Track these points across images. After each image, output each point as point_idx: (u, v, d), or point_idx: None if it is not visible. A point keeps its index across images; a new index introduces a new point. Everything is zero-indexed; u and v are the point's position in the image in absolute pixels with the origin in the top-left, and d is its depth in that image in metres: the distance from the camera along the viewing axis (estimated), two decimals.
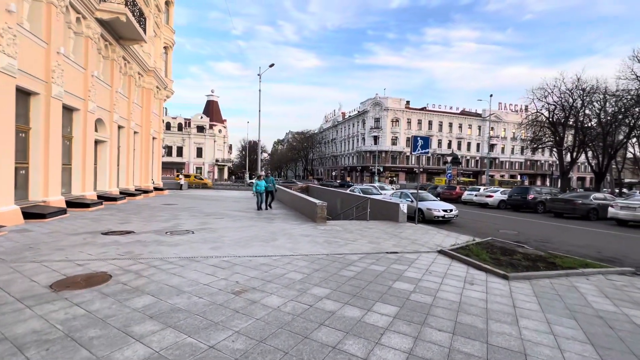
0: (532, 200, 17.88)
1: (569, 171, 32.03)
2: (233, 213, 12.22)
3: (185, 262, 5.15)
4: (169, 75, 26.41)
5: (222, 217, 10.82)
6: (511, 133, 76.91)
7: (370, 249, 6.72)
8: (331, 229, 9.23)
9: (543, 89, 30.67)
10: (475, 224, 13.75)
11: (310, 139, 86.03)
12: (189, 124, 59.08)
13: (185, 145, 58.29)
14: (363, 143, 67.18)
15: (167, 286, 4.01)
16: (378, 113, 65.43)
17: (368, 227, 9.71)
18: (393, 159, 65.29)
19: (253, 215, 11.86)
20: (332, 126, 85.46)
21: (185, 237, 7.20)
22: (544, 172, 79.64)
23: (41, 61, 9.92)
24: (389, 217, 11.77)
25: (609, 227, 13.23)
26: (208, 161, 59.50)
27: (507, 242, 8.60)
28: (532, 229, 12.45)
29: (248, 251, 6.09)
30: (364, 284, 4.47)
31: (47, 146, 10.15)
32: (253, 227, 9.13)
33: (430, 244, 7.64)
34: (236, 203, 16.66)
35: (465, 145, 71.96)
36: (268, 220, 10.53)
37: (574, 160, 31.32)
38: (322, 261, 5.58)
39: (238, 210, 13.40)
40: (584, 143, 29.69)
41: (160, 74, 22.85)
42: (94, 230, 7.62)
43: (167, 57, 26.34)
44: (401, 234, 8.91)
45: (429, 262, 5.87)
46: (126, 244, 6.28)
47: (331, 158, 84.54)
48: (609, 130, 30.26)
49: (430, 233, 9.36)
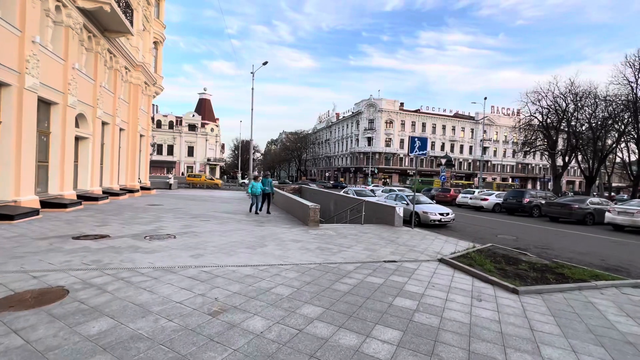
0: (527, 204, 17.65)
1: (561, 175, 32.15)
2: (221, 215, 11.61)
3: (160, 273, 4.57)
4: (158, 71, 25.58)
5: (209, 220, 10.21)
6: (503, 136, 77.64)
7: (366, 257, 6.22)
8: (324, 233, 8.71)
9: (537, 93, 30.77)
10: (472, 228, 13.39)
11: (304, 139, 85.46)
12: (180, 122, 57.96)
13: (176, 143, 57.16)
14: (357, 144, 66.91)
15: (132, 305, 3.44)
16: (372, 114, 65.23)
17: (363, 232, 9.22)
18: (387, 161, 65.15)
19: (242, 217, 11.27)
20: (326, 127, 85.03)
21: (165, 243, 6.60)
22: (535, 175, 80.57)
23: (14, 50, 9.19)
24: (385, 221, 11.31)
25: (607, 233, 13.00)
26: (199, 160, 58.45)
27: (508, 248, 8.20)
28: (530, 234, 12.12)
29: (232, 260, 5.53)
30: (361, 300, 3.96)
31: (19, 142, 9.41)
32: (241, 231, 8.55)
33: (430, 252, 7.18)
34: (226, 204, 16.02)
35: (458, 147, 72.27)
36: (257, 224, 9.96)
37: (566, 164, 31.45)
38: (314, 272, 5.06)
39: (227, 212, 12.78)
40: (576, 147, 29.81)
41: (150, 69, 22.07)
42: (64, 234, 6.95)
43: (157, 52, 25.51)
44: (398, 239, 8.44)
45: (431, 273, 5.40)
46: (97, 251, 5.66)
47: (325, 159, 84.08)
48: (599, 135, 30.49)
49: (428, 238, 8.91)
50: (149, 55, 22.25)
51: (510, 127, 75.30)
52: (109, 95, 16.22)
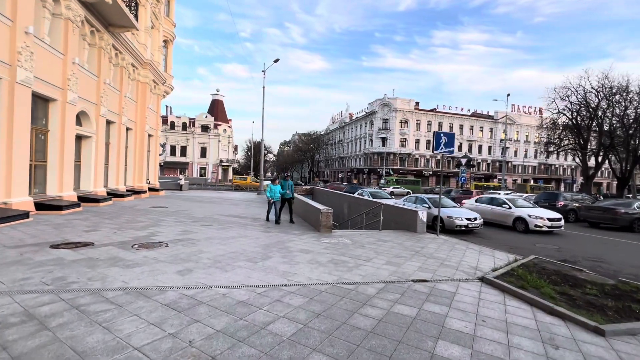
0: (562, 207, 16.00)
1: (593, 176, 29.87)
2: (226, 219, 10.70)
3: (129, 298, 3.60)
4: (168, 70, 25.18)
5: (211, 225, 9.29)
6: (524, 136, 74.41)
7: (389, 275, 5.10)
8: (338, 241, 7.63)
9: (566, 88, 28.68)
10: (502, 235, 12.00)
11: (317, 140, 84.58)
12: (193, 124, 58.08)
13: (189, 145, 57.27)
14: (371, 144, 65.43)
15: (69, 353, 2.46)
16: (386, 114, 63.66)
17: (382, 240, 8.08)
18: (401, 161, 63.40)
19: (248, 222, 10.32)
20: (339, 127, 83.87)
21: (154, 253, 5.67)
22: (559, 176, 76.80)
23: (4, 41, 8.55)
24: (406, 227, 10.12)
25: None
26: (212, 161, 58.40)
27: (557, 262, 6.89)
28: (572, 243, 10.65)
29: (226, 277, 4.53)
30: (391, 347, 2.86)
31: (10, 139, 8.76)
32: (244, 238, 7.57)
33: (465, 266, 5.99)
34: (234, 206, 15.16)
35: (476, 147, 69.69)
36: (263, 229, 8.97)
37: (599, 164, 29.17)
38: (326, 296, 3.99)
39: (233, 215, 11.87)
40: (611, 146, 27.56)
41: (159, 68, 21.59)
42: (44, 242, 6.14)
43: (167, 51, 25.13)
44: (424, 249, 7.26)
45: (474, 299, 4.23)
46: (69, 264, 4.78)
47: (338, 160, 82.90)
48: (632, 134, 28.17)
49: (458, 249, 7.69)
50: (158, 53, 21.78)
51: (531, 126, 72.25)
52: (115, 93, 15.68)
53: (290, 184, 10.64)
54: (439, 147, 9.28)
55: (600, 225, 14.66)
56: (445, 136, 9.30)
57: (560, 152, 34.93)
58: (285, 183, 10.56)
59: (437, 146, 9.26)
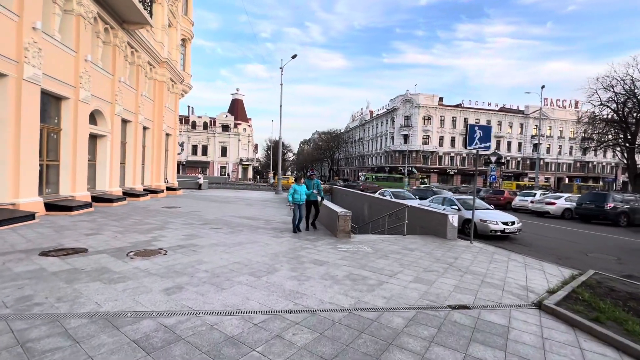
0: (611, 210, 14.17)
1: None
2: (237, 221, 10.06)
3: (93, 329, 2.89)
4: (187, 69, 25.13)
5: (220, 228, 8.65)
6: (558, 131, 69.75)
7: (419, 297, 4.15)
8: (357, 249, 6.73)
9: (611, 77, 26.02)
10: (544, 240, 10.62)
11: (337, 138, 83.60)
12: (214, 123, 58.76)
13: (210, 144, 58.02)
14: (392, 142, 63.62)
15: None
16: (408, 110, 61.60)
17: (408, 248, 7.09)
18: (424, 159, 61.21)
19: (260, 224, 9.62)
20: (359, 125, 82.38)
21: (147, 263, 5.03)
22: (597, 174, 71.46)
23: (10, 36, 8.29)
24: (433, 232, 9.05)
25: None
26: (232, 160, 58.87)
27: (625, 280, 5.64)
28: (634, 254, 9.13)
29: (221, 299, 3.76)
30: None
31: (17, 138, 8.52)
32: (252, 244, 6.84)
33: (513, 285, 4.91)
34: (249, 207, 14.58)
35: (505, 144, 66.07)
36: (275, 234, 8.21)
37: None
38: (340, 331, 3.12)
39: (246, 216, 11.24)
40: None
41: (177, 66, 21.47)
42: (36, 247, 5.68)
43: (185, 50, 25.08)
44: (457, 261, 6.21)
45: (537, 338, 3.22)
46: (47, 277, 4.20)
47: (358, 158, 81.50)
48: None
49: (498, 260, 6.57)
50: (175, 52, 21.67)
51: (566, 120, 67.59)
52: (131, 91, 15.52)
53: (317, 183, 8.94)
54: (473, 142, 8.13)
55: None
56: (480, 129, 8.14)
57: (601, 148, 31.96)
58: (310, 182, 8.97)
59: (470, 141, 8.12)
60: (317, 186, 8.91)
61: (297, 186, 8.51)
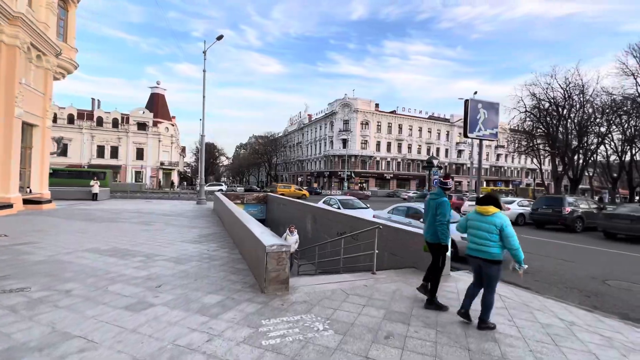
0: (569, 215, 13.27)
1: (562, 177, 29.11)
2: (99, 266, 5.66)
3: None
4: (69, 41, 18.74)
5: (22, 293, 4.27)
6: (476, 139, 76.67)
7: None
8: (302, 334, 3.19)
9: (535, 85, 27.59)
10: (527, 260, 8.52)
11: (274, 142, 79.48)
12: (127, 120, 49.64)
13: (121, 145, 48.67)
14: (331, 147, 62.16)
15: None
16: (347, 115, 60.88)
17: (396, 319, 3.81)
18: (363, 164, 60.96)
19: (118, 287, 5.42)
20: (298, 129, 79.69)
21: None
22: (507, 178, 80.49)
23: None
24: (413, 262, 6.03)
25: None
26: (151, 164, 50.34)
27: None
28: (630, 269, 7.39)
29: None
30: None
31: None
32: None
33: None
34: (145, 231, 9.93)
35: (434, 150, 69.90)
36: (137, 300, 4.19)
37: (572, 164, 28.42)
38: None
39: (117, 254, 6.81)
40: (579, 146, 26.88)
41: (47, 32, 15.42)
42: None
43: (67, 15, 18.76)
44: (500, 348, 3.11)
45: None
46: None
47: (297, 163, 78.54)
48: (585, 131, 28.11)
49: (550, 324, 3.68)
50: (45, 11, 15.57)
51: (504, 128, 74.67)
52: None
53: (442, 197, 4.24)
54: (476, 128, 5.32)
55: (618, 236, 12.09)
56: (485, 109, 5.36)
57: (524, 153, 34.27)
58: (441, 200, 4.27)
59: (472, 127, 5.29)
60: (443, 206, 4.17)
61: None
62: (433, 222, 4.18)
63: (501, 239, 3.44)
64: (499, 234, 3.43)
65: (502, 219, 3.48)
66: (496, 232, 3.44)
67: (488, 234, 3.49)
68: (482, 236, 3.53)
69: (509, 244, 3.39)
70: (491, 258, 3.46)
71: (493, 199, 3.64)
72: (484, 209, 3.60)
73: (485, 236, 3.51)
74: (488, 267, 3.50)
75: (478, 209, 3.67)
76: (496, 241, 3.45)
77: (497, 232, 3.44)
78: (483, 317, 3.51)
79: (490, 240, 3.46)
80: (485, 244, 3.49)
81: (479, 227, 3.59)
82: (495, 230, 3.45)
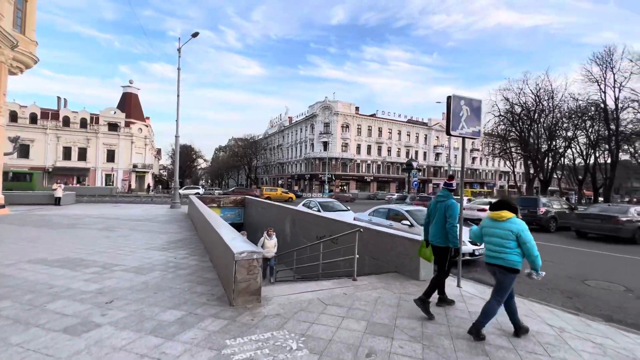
0: (544, 215, 13.60)
1: (534, 179, 30.23)
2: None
3: None
4: (28, 32, 17.31)
5: None
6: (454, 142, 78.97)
7: None
8: (270, 353, 2.77)
9: (508, 90, 28.58)
10: None
11: (254, 144, 78.21)
12: (97, 120, 47.07)
13: (90, 146, 46.01)
14: (312, 149, 61.80)
15: None
16: (328, 117, 60.85)
17: (376, 324, 3.47)
18: (344, 167, 61.04)
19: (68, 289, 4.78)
20: (278, 131, 78.90)
21: None
22: (482, 180, 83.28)
23: None
24: (395, 266, 5.75)
25: None
26: (123, 167, 47.92)
27: None
28: (625, 272, 7.47)
29: None
30: None
31: None
32: None
33: None
34: (105, 238, 9.12)
35: (413, 153, 71.15)
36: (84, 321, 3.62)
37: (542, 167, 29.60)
38: None
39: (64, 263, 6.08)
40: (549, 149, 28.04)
41: (1, 22, 14.13)
42: None
43: (25, 5, 17.39)
44: None
45: None
46: None
47: (277, 165, 77.62)
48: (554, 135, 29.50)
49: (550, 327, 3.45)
50: None
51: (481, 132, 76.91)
52: None
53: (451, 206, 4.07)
54: (459, 126, 5.12)
55: (589, 235, 12.46)
56: (467, 106, 5.19)
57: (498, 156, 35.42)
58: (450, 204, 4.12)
59: (455, 124, 5.08)
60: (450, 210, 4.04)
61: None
62: (442, 225, 3.97)
63: (519, 245, 3.21)
64: (516, 240, 3.20)
65: (519, 224, 3.24)
66: (512, 238, 3.21)
67: (503, 240, 3.24)
68: (498, 243, 3.29)
69: (526, 251, 3.16)
70: (507, 265, 3.21)
71: (507, 203, 3.40)
72: (497, 214, 3.36)
73: (500, 243, 3.26)
74: (502, 275, 3.27)
75: (491, 215, 3.43)
76: (513, 248, 3.20)
77: (514, 239, 3.20)
78: (478, 325, 3.23)
79: (506, 247, 3.21)
80: (502, 251, 3.24)
81: (493, 234, 3.35)
82: (512, 237, 3.21)
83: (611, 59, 26.61)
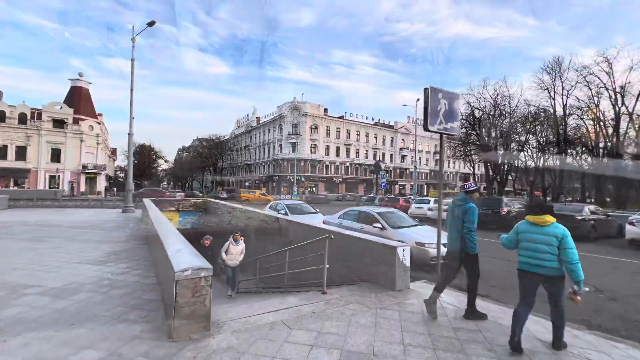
0: (506, 215, 13.99)
1: (493, 180, 31.77)
2: None
3: None
4: None
5: None
6: (419, 144, 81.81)
7: None
8: None
9: (469, 94, 29.85)
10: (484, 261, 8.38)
11: (220, 145, 75.27)
12: (39, 116, 42.39)
13: (31, 144, 41.25)
14: (280, 150, 60.73)
15: None
16: (296, 118, 60.15)
17: (352, 354, 2.87)
18: (312, 168, 60.61)
19: None
20: (246, 132, 76.76)
21: None
22: (445, 182, 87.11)
23: None
24: (368, 275, 5.23)
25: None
26: (71, 167, 43.53)
27: None
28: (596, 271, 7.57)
29: None
30: None
31: None
32: None
33: None
34: (26, 251, 7.69)
35: (380, 155, 72.53)
36: None
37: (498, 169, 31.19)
38: None
39: None
40: (506, 152, 29.64)
41: None
42: None
43: None
44: None
45: None
46: None
47: (244, 167, 75.39)
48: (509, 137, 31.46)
49: None
50: None
51: (425, 136, 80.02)
52: None
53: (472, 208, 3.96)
54: (436, 121, 4.71)
55: None
56: (445, 99, 4.79)
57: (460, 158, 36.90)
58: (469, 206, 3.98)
59: (432, 119, 4.67)
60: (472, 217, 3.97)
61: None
62: (458, 229, 3.87)
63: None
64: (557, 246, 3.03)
65: (562, 228, 3.06)
66: (557, 244, 3.01)
67: (548, 246, 3.03)
68: (542, 250, 3.05)
69: (567, 257, 2.95)
70: (557, 274, 3.05)
71: (548, 208, 3.19)
72: (540, 219, 3.13)
73: (545, 249, 3.03)
74: (554, 284, 3.09)
75: (532, 220, 3.19)
76: (557, 254, 3.02)
77: (558, 245, 3.01)
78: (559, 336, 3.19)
79: (551, 253, 3.01)
80: (547, 258, 3.03)
81: (536, 240, 3.11)
82: (557, 243, 3.01)
83: (559, 68, 28.90)
